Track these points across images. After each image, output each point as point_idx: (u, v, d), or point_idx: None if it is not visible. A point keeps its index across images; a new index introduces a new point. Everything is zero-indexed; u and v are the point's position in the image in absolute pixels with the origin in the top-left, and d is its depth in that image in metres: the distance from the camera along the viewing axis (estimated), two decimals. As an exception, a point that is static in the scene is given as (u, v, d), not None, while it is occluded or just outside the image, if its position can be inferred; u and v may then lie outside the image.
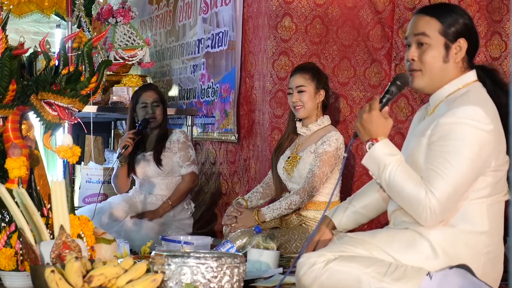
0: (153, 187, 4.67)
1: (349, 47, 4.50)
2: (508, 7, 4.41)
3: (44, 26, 7.11)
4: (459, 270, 2.44)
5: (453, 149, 2.43)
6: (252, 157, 4.79)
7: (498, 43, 4.44)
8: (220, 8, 5.10)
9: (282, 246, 3.82)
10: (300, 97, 3.97)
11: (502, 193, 2.57)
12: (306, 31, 4.42)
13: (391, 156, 2.51)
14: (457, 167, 2.42)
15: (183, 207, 4.66)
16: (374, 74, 4.51)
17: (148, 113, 4.61)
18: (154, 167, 4.61)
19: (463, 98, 2.50)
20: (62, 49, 2.99)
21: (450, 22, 2.56)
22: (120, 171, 4.67)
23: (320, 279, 2.50)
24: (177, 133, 4.69)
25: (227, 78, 5.01)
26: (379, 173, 2.53)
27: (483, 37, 4.48)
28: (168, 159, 4.62)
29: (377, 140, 2.54)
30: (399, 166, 2.49)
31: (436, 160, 2.45)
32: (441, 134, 2.46)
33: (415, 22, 2.60)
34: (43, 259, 2.46)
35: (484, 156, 2.45)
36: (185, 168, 4.62)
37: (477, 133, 2.43)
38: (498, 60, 4.40)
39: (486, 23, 4.42)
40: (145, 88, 4.78)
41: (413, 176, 2.47)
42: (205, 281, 2.43)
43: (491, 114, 2.47)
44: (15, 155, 2.81)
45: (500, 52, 4.43)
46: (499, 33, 4.40)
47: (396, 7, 4.47)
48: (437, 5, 2.69)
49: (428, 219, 2.45)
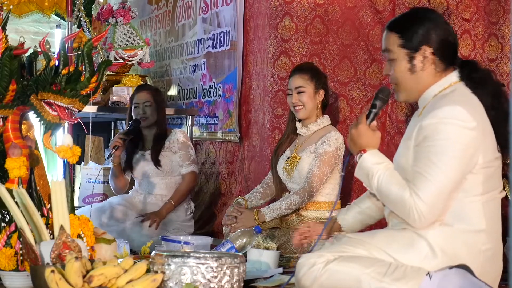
0: (152, 187, 4.67)
1: (350, 47, 4.50)
2: (505, 9, 4.42)
3: (44, 26, 7.11)
4: (459, 270, 2.44)
5: (438, 149, 2.45)
6: (247, 157, 4.79)
7: (494, 44, 4.45)
8: (221, 8, 5.10)
9: (282, 246, 3.82)
10: (299, 97, 3.97)
11: (497, 190, 2.57)
12: (306, 31, 4.42)
13: (378, 164, 2.58)
14: (442, 167, 2.44)
15: (183, 207, 4.66)
16: (375, 74, 4.51)
17: (139, 113, 4.63)
18: (153, 167, 4.62)
19: (446, 99, 2.53)
20: (62, 49, 2.99)
21: (408, 34, 2.61)
22: (115, 171, 4.68)
23: (320, 279, 2.50)
24: (176, 133, 4.69)
25: (230, 78, 5.01)
26: (369, 182, 2.60)
27: (480, 39, 4.49)
28: (167, 158, 4.63)
29: (365, 151, 2.61)
30: (386, 172, 2.55)
31: (421, 161, 2.47)
32: (425, 135, 2.48)
33: (383, 39, 2.69)
34: (43, 259, 2.46)
35: (469, 153, 2.46)
36: (185, 168, 4.62)
37: (461, 132, 2.45)
38: (494, 62, 4.41)
39: (484, 24, 4.43)
40: (139, 88, 4.80)
41: (398, 180, 2.52)
42: (205, 281, 2.43)
43: (473, 112, 2.49)
44: (15, 155, 2.80)
45: (497, 54, 4.44)
46: (496, 35, 4.41)
47: (396, 6, 4.47)
48: (400, 17, 2.76)
49: (416, 221, 2.47)
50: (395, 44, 2.62)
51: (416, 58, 2.60)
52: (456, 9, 4.47)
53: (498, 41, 4.45)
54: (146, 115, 4.64)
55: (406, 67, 2.61)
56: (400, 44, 2.61)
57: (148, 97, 4.67)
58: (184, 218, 4.64)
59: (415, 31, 2.59)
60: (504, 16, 4.40)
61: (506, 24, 4.40)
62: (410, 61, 2.61)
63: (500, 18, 4.45)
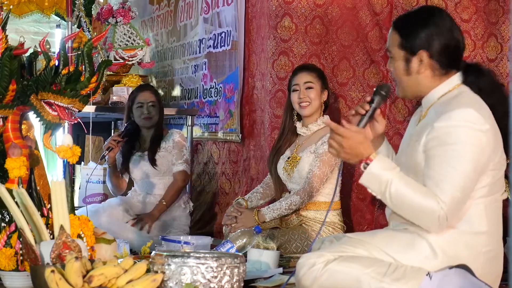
0: (151, 187, 4.68)
1: (349, 48, 4.50)
2: (504, 9, 4.42)
3: (44, 26, 7.11)
4: (459, 270, 2.44)
5: (455, 154, 2.42)
6: (252, 157, 4.79)
7: (494, 45, 4.45)
8: (222, 8, 5.10)
9: (282, 246, 3.82)
10: (308, 93, 3.97)
11: (500, 192, 2.57)
12: (306, 31, 4.42)
13: (389, 170, 2.48)
14: (461, 171, 2.41)
15: (180, 206, 4.66)
16: (373, 75, 4.51)
17: (144, 113, 4.62)
18: (151, 167, 4.62)
19: (456, 101, 2.51)
20: (62, 49, 2.99)
21: (409, 36, 2.58)
22: (110, 172, 4.69)
23: (320, 279, 2.50)
24: (173, 133, 4.70)
25: (231, 78, 5.01)
26: (381, 190, 2.48)
27: (479, 39, 4.49)
28: (164, 159, 4.63)
29: (371, 159, 2.50)
30: (401, 180, 2.46)
31: (439, 166, 2.43)
32: (438, 139, 2.45)
33: (388, 35, 2.68)
34: (43, 259, 2.46)
35: (485, 156, 2.45)
36: (177, 166, 4.63)
37: (475, 135, 2.43)
38: (494, 62, 4.40)
39: (483, 25, 4.43)
40: (142, 88, 4.80)
41: (419, 188, 2.45)
42: (205, 281, 2.43)
43: (485, 114, 2.48)
44: (15, 155, 2.81)
45: (496, 54, 4.44)
46: (495, 35, 4.41)
47: (394, 8, 4.47)
48: (406, 16, 2.72)
49: (438, 227, 2.44)
50: (395, 43, 2.62)
51: (413, 61, 2.58)
52: (454, 10, 4.46)
53: (497, 41, 4.45)
54: (151, 115, 4.64)
55: (402, 68, 2.61)
56: (399, 44, 2.61)
57: (153, 97, 4.68)
58: (181, 217, 4.64)
59: (417, 35, 2.57)
60: (504, 16, 4.41)
61: (506, 24, 4.40)
62: (406, 63, 2.60)
63: (500, 18, 4.45)
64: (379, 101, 2.65)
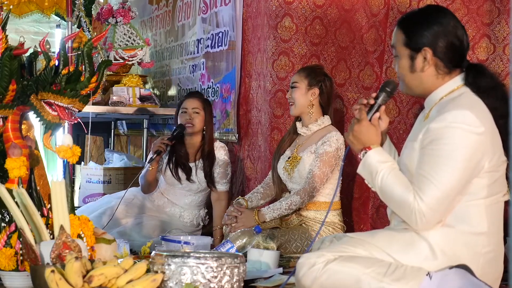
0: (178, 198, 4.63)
1: (346, 49, 4.51)
2: (500, 10, 4.41)
3: (44, 26, 7.11)
4: (459, 270, 2.44)
5: (444, 153, 2.44)
6: (247, 157, 4.78)
7: (486, 45, 4.44)
8: (220, 8, 5.10)
9: (282, 246, 3.82)
10: (292, 93, 4.00)
11: (501, 194, 2.57)
12: (306, 31, 4.42)
13: (383, 163, 2.57)
14: (448, 171, 2.43)
15: (197, 214, 4.65)
16: (367, 77, 4.53)
17: (186, 119, 4.56)
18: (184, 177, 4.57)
19: (453, 103, 2.52)
20: (62, 49, 2.99)
21: (414, 34, 2.61)
22: (149, 173, 4.59)
23: (320, 279, 2.50)
24: (218, 150, 4.60)
25: (228, 78, 5.01)
26: (372, 180, 2.59)
27: (470, 40, 4.47)
28: (201, 175, 4.57)
29: (370, 148, 2.61)
30: (391, 172, 2.54)
31: (427, 164, 2.46)
32: (431, 139, 2.47)
33: (393, 34, 2.70)
34: (43, 259, 2.46)
35: (476, 158, 2.46)
36: (222, 186, 4.56)
37: (468, 137, 2.44)
38: (485, 63, 4.40)
39: (475, 26, 4.42)
40: (189, 95, 4.73)
41: (403, 181, 2.51)
42: (205, 281, 2.43)
43: (481, 116, 2.48)
44: (15, 155, 2.81)
45: (488, 55, 4.43)
46: (488, 36, 4.41)
47: (390, 10, 4.48)
48: (411, 15, 2.73)
49: (418, 223, 2.46)
50: (399, 41, 2.64)
51: (417, 58, 2.60)
52: (446, 12, 4.46)
53: (490, 42, 4.44)
54: (193, 121, 4.58)
55: (407, 65, 2.63)
56: (404, 42, 2.62)
57: (198, 104, 4.59)
58: (194, 229, 4.63)
59: (421, 33, 2.59)
60: (500, 16, 4.40)
61: (501, 25, 4.40)
62: (411, 60, 2.61)
63: (495, 19, 4.44)
64: (384, 97, 2.69)
